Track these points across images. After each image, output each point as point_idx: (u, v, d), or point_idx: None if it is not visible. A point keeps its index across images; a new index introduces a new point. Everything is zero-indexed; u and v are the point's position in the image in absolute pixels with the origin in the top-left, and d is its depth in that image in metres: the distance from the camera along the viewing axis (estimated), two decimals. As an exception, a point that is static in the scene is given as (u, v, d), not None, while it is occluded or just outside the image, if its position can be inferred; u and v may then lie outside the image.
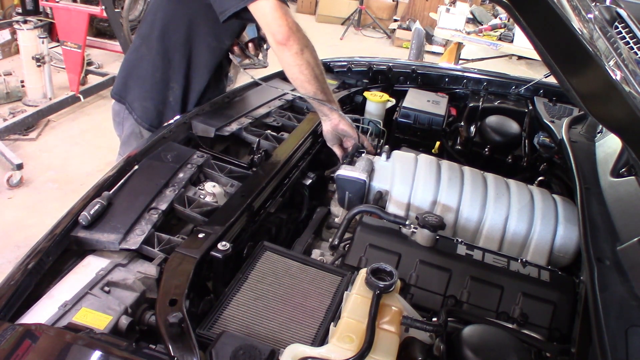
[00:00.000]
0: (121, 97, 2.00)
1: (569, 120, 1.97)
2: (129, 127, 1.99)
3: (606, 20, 1.22)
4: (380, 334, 0.95)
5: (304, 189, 1.73)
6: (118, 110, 2.02)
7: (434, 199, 1.54)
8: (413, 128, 2.17)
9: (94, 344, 0.87)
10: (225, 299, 1.08)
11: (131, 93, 1.97)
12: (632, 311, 1.03)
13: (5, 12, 5.53)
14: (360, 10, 8.74)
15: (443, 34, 5.42)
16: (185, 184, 1.39)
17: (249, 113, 1.86)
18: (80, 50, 4.46)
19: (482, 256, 1.36)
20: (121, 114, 2.01)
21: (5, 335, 0.87)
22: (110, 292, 1.04)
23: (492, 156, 2.16)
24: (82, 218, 1.18)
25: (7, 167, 3.66)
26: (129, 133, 2.00)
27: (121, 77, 2.02)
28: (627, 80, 1.06)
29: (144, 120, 1.96)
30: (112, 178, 1.35)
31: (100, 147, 4.16)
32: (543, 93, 2.42)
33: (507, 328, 1.16)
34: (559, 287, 1.29)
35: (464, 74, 2.55)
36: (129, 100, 1.97)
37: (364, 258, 1.32)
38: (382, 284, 1.00)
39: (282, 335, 1.03)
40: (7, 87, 4.58)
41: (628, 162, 1.48)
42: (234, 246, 1.21)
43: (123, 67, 2.03)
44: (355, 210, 1.44)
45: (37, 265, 1.06)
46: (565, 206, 1.55)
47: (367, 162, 1.62)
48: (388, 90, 2.34)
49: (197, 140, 1.69)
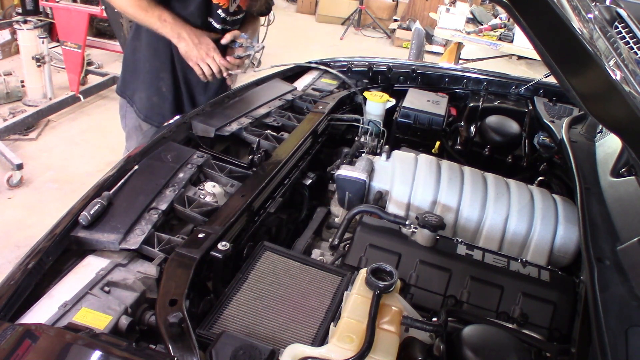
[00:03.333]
0: (122, 92, 2.10)
1: (569, 120, 1.97)
2: (131, 120, 2.08)
3: (606, 20, 1.22)
4: (380, 334, 0.95)
5: (304, 189, 1.73)
6: (122, 104, 2.12)
7: (434, 199, 1.54)
8: (413, 128, 2.17)
9: (94, 344, 0.87)
10: (225, 299, 1.08)
11: (129, 87, 2.07)
12: (632, 311, 1.03)
13: (5, 12, 5.53)
14: (360, 10, 8.74)
15: (443, 34, 5.42)
16: (185, 184, 1.39)
17: (249, 113, 1.86)
18: (80, 50, 4.46)
19: (482, 256, 1.36)
20: (124, 107, 2.10)
21: (5, 335, 0.87)
22: (110, 292, 1.04)
23: (492, 156, 2.16)
24: (82, 218, 1.18)
25: (7, 167, 3.66)
26: (131, 126, 2.09)
27: (122, 72, 2.13)
28: (627, 80, 1.06)
29: (141, 111, 2.05)
30: (112, 178, 1.35)
31: (100, 147, 4.16)
32: (543, 93, 2.42)
33: (507, 328, 1.16)
34: (559, 287, 1.29)
35: (464, 74, 2.55)
36: (129, 93, 2.07)
37: (364, 258, 1.33)
38: (382, 284, 1.00)
39: (282, 335, 1.03)
40: (7, 87, 4.58)
41: (628, 162, 1.48)
42: (234, 246, 1.21)
43: (123, 63, 2.14)
44: (355, 210, 1.44)
45: (37, 265, 1.06)
46: (565, 206, 1.56)
47: (367, 162, 1.62)
48: (388, 90, 2.34)
49: (197, 140, 1.69)
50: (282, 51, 6.07)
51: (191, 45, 1.83)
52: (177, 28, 1.83)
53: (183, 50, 1.86)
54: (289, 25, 7.86)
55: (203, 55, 1.85)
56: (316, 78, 2.33)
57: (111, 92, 5.07)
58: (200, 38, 1.85)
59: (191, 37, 1.84)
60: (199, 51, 1.84)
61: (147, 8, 1.81)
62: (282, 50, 6.08)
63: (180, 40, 1.83)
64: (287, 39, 6.67)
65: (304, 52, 6.69)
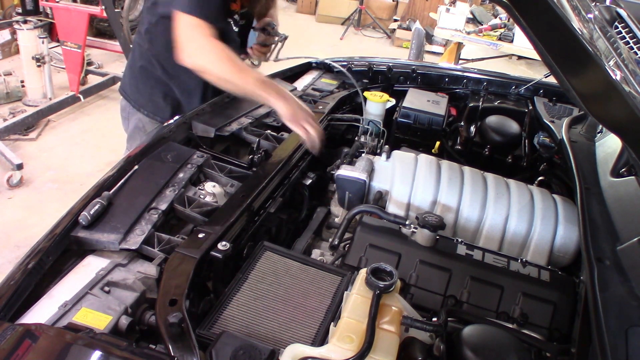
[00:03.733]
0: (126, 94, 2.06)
1: (569, 120, 1.97)
2: (134, 121, 2.05)
3: (606, 20, 1.22)
4: (380, 334, 0.95)
5: (304, 189, 1.73)
6: (124, 106, 2.09)
7: (434, 199, 1.54)
8: (413, 128, 2.17)
9: (94, 344, 0.87)
10: (225, 299, 1.08)
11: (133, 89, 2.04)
12: (632, 311, 1.03)
13: (5, 12, 5.53)
14: (360, 10, 8.74)
15: (443, 34, 5.42)
16: (185, 184, 1.39)
17: (249, 113, 1.86)
18: (80, 50, 4.46)
19: (482, 256, 1.36)
20: (127, 109, 2.07)
21: (5, 335, 0.87)
22: (110, 292, 1.04)
23: (492, 156, 2.16)
24: (82, 218, 1.18)
25: (7, 167, 3.66)
26: (134, 127, 2.06)
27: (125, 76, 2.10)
28: (627, 80, 1.06)
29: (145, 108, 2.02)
30: (112, 178, 1.35)
31: (100, 147, 4.16)
32: (543, 93, 2.42)
33: (507, 328, 1.16)
34: (559, 287, 1.29)
35: (464, 74, 2.55)
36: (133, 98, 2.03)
37: (364, 258, 1.32)
38: (382, 284, 1.00)
39: (282, 335, 1.03)
40: (7, 87, 4.58)
41: (628, 162, 1.48)
42: (234, 246, 1.21)
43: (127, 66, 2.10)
44: (355, 210, 1.44)
45: (37, 265, 1.06)
46: (565, 206, 1.55)
47: (367, 162, 1.62)
48: (388, 90, 2.34)
49: (197, 140, 1.69)
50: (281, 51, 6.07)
51: (296, 107, 1.69)
52: (278, 88, 1.70)
53: (288, 112, 1.66)
54: (288, 25, 7.84)
55: (307, 117, 1.70)
56: (316, 78, 2.33)
57: (111, 92, 5.07)
58: (298, 100, 1.74)
59: (294, 98, 1.72)
60: (304, 112, 1.70)
61: (242, 68, 1.67)
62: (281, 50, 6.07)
63: (286, 101, 1.67)
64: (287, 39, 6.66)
65: (304, 52, 6.67)
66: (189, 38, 1.63)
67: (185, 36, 1.63)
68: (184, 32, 1.63)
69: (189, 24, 1.62)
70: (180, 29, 1.63)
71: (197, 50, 1.64)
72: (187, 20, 1.62)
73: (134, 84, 2.03)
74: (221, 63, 1.64)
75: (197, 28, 1.62)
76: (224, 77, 1.66)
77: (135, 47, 2.05)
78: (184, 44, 1.64)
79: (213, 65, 1.65)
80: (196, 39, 1.63)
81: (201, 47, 1.64)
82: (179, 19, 1.63)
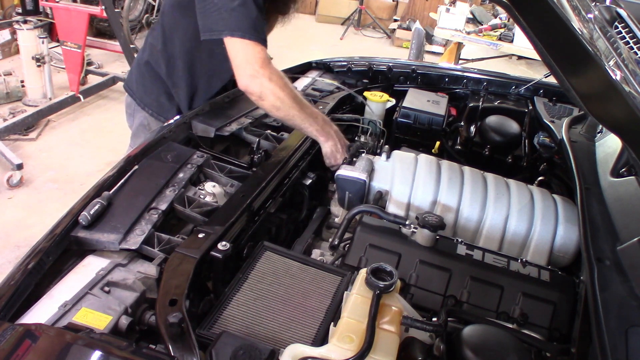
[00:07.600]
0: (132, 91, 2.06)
1: (569, 120, 1.97)
2: (139, 119, 2.05)
3: (606, 20, 1.22)
4: (380, 334, 0.95)
5: (304, 189, 1.73)
6: (129, 103, 2.09)
7: (434, 199, 1.54)
8: (413, 128, 2.17)
9: (94, 344, 0.87)
10: (225, 299, 1.08)
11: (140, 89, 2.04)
12: (632, 311, 1.03)
13: (5, 12, 5.53)
14: (360, 10, 8.74)
15: (443, 34, 5.42)
16: (185, 184, 1.39)
17: (249, 113, 1.86)
18: (80, 50, 4.46)
19: (482, 256, 1.36)
20: (132, 106, 2.07)
21: (5, 335, 0.87)
22: (110, 292, 1.04)
23: (492, 156, 2.16)
24: (82, 218, 1.18)
25: (7, 167, 3.66)
26: (138, 124, 2.06)
27: (132, 73, 2.10)
28: (627, 80, 1.06)
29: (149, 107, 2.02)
30: (112, 178, 1.35)
31: (100, 147, 4.17)
32: (543, 93, 2.42)
33: (507, 328, 1.16)
34: (559, 287, 1.29)
35: (464, 74, 2.55)
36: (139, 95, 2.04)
37: (364, 258, 1.32)
38: (382, 284, 1.00)
39: (282, 335, 1.03)
40: (7, 87, 4.58)
41: (628, 162, 1.48)
42: (234, 246, 1.21)
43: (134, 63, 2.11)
44: (355, 210, 1.44)
45: (37, 265, 1.06)
46: (565, 206, 1.55)
47: (367, 162, 1.62)
48: (388, 90, 2.34)
49: (197, 140, 1.69)
50: (282, 51, 6.08)
51: (339, 147, 1.70)
52: (327, 127, 1.70)
53: (329, 150, 1.70)
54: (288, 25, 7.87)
55: (342, 157, 1.70)
56: (316, 78, 2.33)
57: (111, 92, 5.08)
58: (342, 139, 1.74)
59: (338, 136, 1.72)
60: (342, 155, 1.71)
61: (302, 103, 1.66)
62: (282, 50, 6.09)
63: (329, 139, 1.69)
64: (287, 39, 6.66)
65: (304, 52, 6.69)
66: (255, 67, 1.58)
67: (251, 65, 1.57)
68: (247, 59, 1.58)
69: (251, 50, 1.57)
70: (242, 56, 1.58)
71: (266, 84, 1.59)
72: (246, 47, 1.57)
73: (140, 82, 2.03)
74: (291, 101, 1.62)
75: (259, 54, 1.58)
76: (290, 115, 1.64)
77: (146, 45, 2.03)
78: (253, 74, 1.58)
79: (283, 103, 1.62)
80: (264, 68, 1.58)
81: (269, 80, 1.59)
82: (236, 45, 1.58)
